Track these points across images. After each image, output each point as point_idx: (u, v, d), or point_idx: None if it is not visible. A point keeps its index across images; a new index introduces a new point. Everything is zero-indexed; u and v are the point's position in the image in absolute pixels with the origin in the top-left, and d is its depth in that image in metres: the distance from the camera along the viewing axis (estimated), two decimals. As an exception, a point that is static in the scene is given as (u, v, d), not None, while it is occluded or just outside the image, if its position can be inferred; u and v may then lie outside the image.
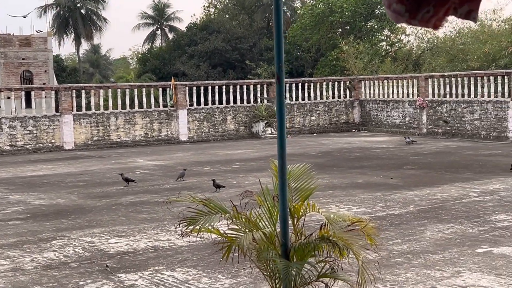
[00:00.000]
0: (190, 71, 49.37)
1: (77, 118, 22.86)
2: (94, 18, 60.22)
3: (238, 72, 51.05)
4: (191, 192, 12.66)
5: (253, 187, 12.98)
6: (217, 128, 25.65)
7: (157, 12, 67.37)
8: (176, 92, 24.75)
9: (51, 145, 22.34)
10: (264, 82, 27.94)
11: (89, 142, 22.98)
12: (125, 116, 23.81)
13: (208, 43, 50.88)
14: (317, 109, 27.71)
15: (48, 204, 11.93)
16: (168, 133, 24.60)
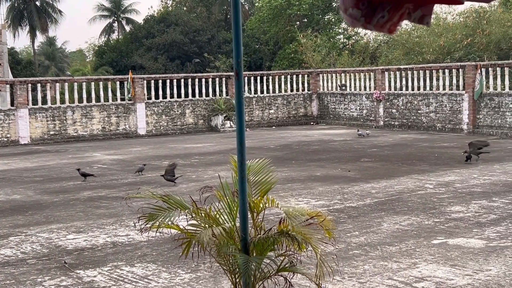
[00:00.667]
0: (148, 64, 48.94)
1: (33, 112, 22.49)
2: (50, 10, 59.15)
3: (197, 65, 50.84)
4: (150, 186, 12.63)
5: (212, 181, 13.01)
6: (176, 122, 25.54)
7: (113, 4, 66.55)
8: (134, 85, 24.55)
9: (6, 140, 21.94)
10: (223, 75, 27.93)
11: (45, 137, 22.64)
12: (82, 110, 23.53)
13: (166, 36, 50.52)
14: (276, 102, 27.81)
15: (4, 200, 11.75)
16: (126, 127, 24.39)
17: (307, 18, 47.97)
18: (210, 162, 16.27)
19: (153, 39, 51.08)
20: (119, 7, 66.52)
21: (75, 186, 13.17)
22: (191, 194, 11.23)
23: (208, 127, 26.08)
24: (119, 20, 66.85)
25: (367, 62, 39.00)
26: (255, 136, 23.00)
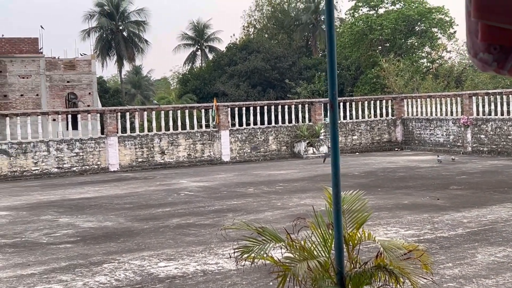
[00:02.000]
0: (230, 90, 49.72)
1: (122, 140, 23.21)
2: (136, 40, 61.17)
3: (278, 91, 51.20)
4: (235, 214, 12.76)
5: (298, 209, 13.01)
6: (259, 149, 25.72)
7: (197, 33, 68.12)
8: (219, 113, 24.95)
9: (97, 167, 22.71)
10: (306, 102, 27.96)
11: (133, 164, 23.29)
12: (169, 137, 24.09)
13: (248, 63, 51.23)
14: (359, 128, 27.60)
15: (97, 226, 12.12)
16: (210, 153, 24.78)
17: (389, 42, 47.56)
18: (295, 189, 16.26)
19: (235, 66, 51.90)
20: (202, 35, 68.02)
21: (164, 213, 13.44)
22: (277, 222, 11.29)
23: (291, 154, 26.14)
24: (203, 49, 68.30)
25: (452, 86, 38.20)
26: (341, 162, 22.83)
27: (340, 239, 4.73)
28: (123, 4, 60.94)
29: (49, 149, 22.05)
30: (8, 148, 21.44)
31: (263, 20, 66.11)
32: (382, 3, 47.94)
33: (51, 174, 21.91)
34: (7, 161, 21.42)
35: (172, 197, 15.70)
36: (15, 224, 12.52)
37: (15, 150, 21.57)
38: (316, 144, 25.85)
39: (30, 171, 21.75)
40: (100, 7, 60.48)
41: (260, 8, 66.06)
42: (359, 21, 47.62)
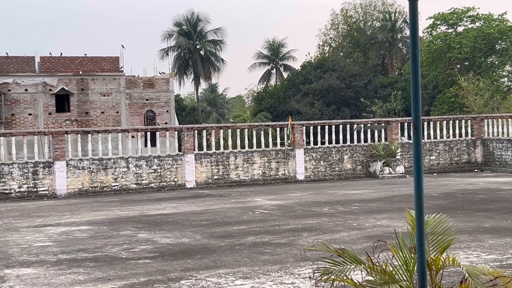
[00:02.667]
0: (305, 109, 49.75)
1: (198, 157, 23.56)
2: (213, 59, 62.19)
3: (353, 109, 50.88)
4: (311, 233, 12.70)
5: (374, 230, 12.84)
6: (334, 167, 25.58)
7: (272, 52, 68.64)
8: (294, 131, 24.99)
9: (174, 184, 23.12)
10: (382, 121, 27.63)
11: (209, 181, 23.58)
12: (244, 155, 24.28)
13: (323, 81, 51.19)
14: (437, 148, 27.04)
15: (174, 243, 12.30)
16: (285, 172, 24.80)
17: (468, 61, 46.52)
18: (371, 210, 16.06)
19: (310, 84, 51.94)
20: (277, 54, 68.48)
21: (239, 231, 13.52)
22: (354, 243, 11.17)
23: (366, 173, 25.85)
24: (277, 67, 68.74)
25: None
26: (416, 183, 22.42)
27: (423, 264, 4.64)
28: (201, 24, 62.14)
29: (129, 166, 22.62)
30: (89, 164, 22.13)
31: (339, 39, 65.97)
32: (461, 21, 47.00)
33: (130, 190, 22.45)
34: (88, 177, 22.09)
35: (247, 215, 15.79)
36: (96, 238, 12.87)
37: (96, 166, 22.23)
38: (392, 164, 25.48)
39: (110, 186, 22.35)
40: (179, 27, 61.88)
41: (336, 26, 65.99)
42: (437, 39, 46.81)
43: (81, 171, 22.02)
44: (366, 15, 65.15)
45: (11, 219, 16.17)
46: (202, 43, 62.25)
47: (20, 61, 38.88)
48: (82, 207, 18.36)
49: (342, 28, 65.75)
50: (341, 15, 65.47)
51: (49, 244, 12.30)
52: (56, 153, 21.82)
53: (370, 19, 65.24)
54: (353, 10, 65.09)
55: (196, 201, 19.32)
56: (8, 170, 21.23)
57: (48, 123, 38.37)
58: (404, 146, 26.52)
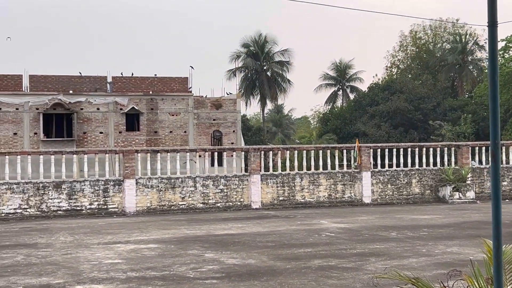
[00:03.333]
0: (371, 131, 49.27)
1: (264, 178, 23.63)
2: (279, 79, 62.47)
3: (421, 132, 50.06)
4: (379, 258, 12.50)
5: (444, 257, 12.54)
6: (402, 191, 25.19)
7: (338, 73, 68.43)
8: (360, 153, 24.78)
9: (239, 204, 23.24)
10: (452, 145, 27.09)
11: (275, 202, 23.60)
12: (310, 177, 24.21)
13: (390, 103, 50.62)
14: (509, 173, 26.27)
15: (241, 264, 12.33)
16: (351, 195, 24.59)
17: (543, 84, 45.20)
18: (440, 236, 15.71)
19: (376, 106, 51.45)
20: (344, 75, 68.23)
21: (305, 253, 13.44)
22: (423, 270, 10.94)
23: (435, 198, 25.34)
24: (344, 88, 68.44)
25: None
26: (487, 209, 21.82)
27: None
28: (268, 45, 62.59)
29: (196, 185, 22.89)
30: (158, 182, 22.51)
31: (407, 61, 65.23)
32: (535, 43, 45.78)
33: (197, 209, 22.70)
34: (156, 195, 22.46)
35: (313, 238, 15.70)
36: (164, 257, 13.04)
37: (164, 185, 22.59)
38: (462, 189, 24.89)
39: (177, 205, 22.67)
40: (246, 48, 62.52)
41: (405, 48, 65.30)
42: (510, 62, 45.68)
43: (149, 190, 22.42)
44: (436, 37, 64.23)
45: (82, 236, 16.58)
46: (269, 64, 62.66)
47: (93, 81, 40.08)
48: (150, 225, 18.67)
49: (410, 49, 65.00)
50: (410, 37, 64.75)
51: (119, 261, 12.54)
52: (126, 171, 22.31)
53: (440, 41, 64.25)
54: (422, 32, 64.30)
55: (261, 222, 19.34)
56: (80, 187, 21.82)
57: (118, 141, 39.31)
58: (475, 171, 25.89)
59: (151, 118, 40.14)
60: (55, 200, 21.57)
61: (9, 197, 21.20)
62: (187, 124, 40.69)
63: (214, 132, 41.52)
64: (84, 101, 38.91)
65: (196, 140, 40.68)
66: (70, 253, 13.58)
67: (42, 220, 21.00)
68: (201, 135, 41.04)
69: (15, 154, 22.38)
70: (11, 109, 37.52)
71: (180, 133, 40.58)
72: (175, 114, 40.39)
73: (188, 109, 40.70)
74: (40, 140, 37.77)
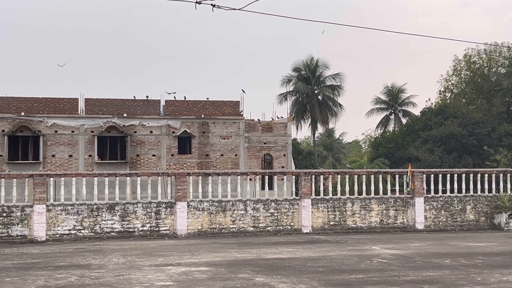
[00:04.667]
0: (424, 156, 48.56)
1: (315, 202, 23.53)
2: (330, 103, 62.34)
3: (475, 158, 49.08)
4: (432, 286, 12.27)
5: (499, 286, 12.25)
6: (456, 218, 24.72)
7: (390, 97, 67.90)
8: (413, 179, 24.45)
9: (290, 228, 23.17)
10: (508, 171, 26.48)
11: (325, 227, 23.45)
12: (361, 202, 24.00)
13: (443, 128, 49.87)
14: None
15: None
16: (404, 220, 24.24)
17: None
18: (496, 264, 15.32)
19: (429, 131, 50.74)
20: (396, 100, 67.65)
21: (357, 279, 13.29)
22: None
23: (490, 225, 24.77)
24: (396, 113, 67.80)
25: None
26: (545, 237, 21.20)
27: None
28: (319, 69, 62.65)
29: (246, 208, 22.95)
30: (209, 205, 22.66)
31: (461, 85, 64.30)
32: None
33: (247, 233, 22.72)
34: (207, 218, 22.60)
35: (364, 264, 15.51)
36: (214, 280, 13.08)
37: (215, 208, 22.71)
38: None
39: (228, 228, 22.74)
40: (298, 72, 62.70)
41: (458, 72, 64.43)
42: None
43: (200, 212, 22.58)
44: (491, 61, 63.17)
45: (134, 257, 16.77)
46: (320, 88, 62.66)
47: (146, 104, 40.77)
48: (201, 248, 18.76)
49: (464, 74, 64.07)
50: (464, 61, 63.87)
51: (170, 283, 12.63)
52: (178, 194, 22.53)
53: (495, 65, 63.16)
54: (476, 56, 63.35)
55: (312, 246, 19.22)
56: (132, 209, 22.13)
57: (170, 164, 39.79)
58: (532, 198, 25.21)
59: (203, 141, 40.54)
60: (108, 221, 21.92)
61: (64, 218, 21.65)
62: (238, 147, 40.93)
63: (264, 156, 41.62)
64: (137, 124, 39.59)
65: (246, 163, 40.85)
66: (123, 275, 13.75)
67: (95, 241, 21.35)
68: (252, 158, 41.19)
69: (70, 176, 22.87)
70: (67, 132, 38.46)
71: (231, 156, 40.82)
72: (226, 138, 40.70)
73: (239, 133, 40.97)
74: (94, 162, 38.53)
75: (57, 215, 21.62)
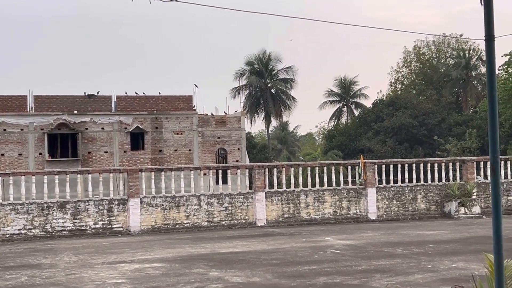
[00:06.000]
0: (376, 147, 49.23)
1: (269, 196, 23.59)
2: (283, 97, 62.59)
3: (426, 147, 49.98)
4: (384, 274, 12.43)
5: (450, 273, 12.46)
6: (407, 207, 25.10)
7: (343, 90, 68.54)
8: (365, 170, 24.72)
9: (244, 222, 23.18)
10: (457, 160, 27.01)
11: (280, 219, 23.53)
12: (315, 194, 24.15)
13: (395, 119, 50.63)
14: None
15: (245, 282, 12.26)
16: (356, 211, 24.50)
17: (548, 98, 45.08)
18: (446, 252, 15.61)
19: (381, 122, 51.46)
20: (348, 92, 68.32)
21: (310, 270, 13.37)
22: (428, 286, 10.86)
23: (440, 213, 25.23)
24: (348, 105, 68.49)
25: None
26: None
27: (503, 312, 4.46)
28: (272, 63, 62.80)
29: (200, 203, 22.86)
30: (162, 201, 22.50)
31: (411, 76, 65.33)
32: (539, 57, 45.75)
33: (201, 228, 22.65)
34: (161, 214, 22.44)
35: (318, 255, 15.62)
36: (168, 276, 12.99)
37: (169, 204, 22.57)
38: (468, 204, 24.78)
39: (182, 224, 22.62)
40: (250, 66, 62.74)
41: (408, 64, 65.43)
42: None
43: (154, 208, 22.40)
44: (440, 53, 64.35)
45: (86, 256, 16.54)
46: (273, 81, 62.84)
47: (97, 101, 40.23)
48: (154, 244, 18.62)
49: (414, 65, 65.12)
50: (413, 53, 64.89)
51: (123, 281, 12.49)
52: (130, 191, 22.30)
53: (444, 56, 64.39)
54: (426, 48, 64.44)
55: (266, 239, 19.27)
56: (84, 207, 21.82)
57: (123, 160, 39.36)
58: (480, 186, 25.79)
59: (156, 137, 40.21)
60: (59, 220, 21.56)
61: (13, 218, 21.20)
62: (191, 142, 40.75)
63: (219, 150, 41.55)
64: (88, 121, 39.02)
65: (201, 158, 40.70)
66: (74, 274, 13.55)
67: (46, 240, 20.98)
68: (206, 153, 41.07)
69: (20, 175, 22.41)
70: (16, 130, 37.67)
71: (185, 152, 40.61)
72: (180, 133, 40.47)
73: (192, 128, 40.78)
74: (45, 160, 37.85)
75: (7, 214, 21.16)
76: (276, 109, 61.94)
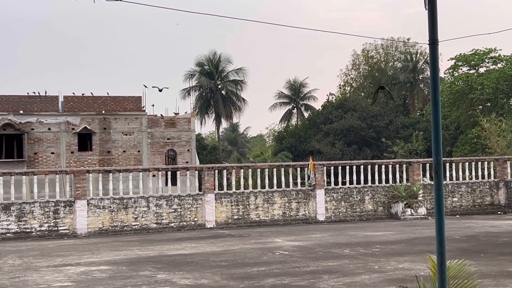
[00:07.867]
0: (326, 149, 49.69)
1: (218, 197, 23.53)
2: (234, 98, 62.63)
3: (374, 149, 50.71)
4: (332, 275, 12.54)
5: (396, 273, 12.65)
6: (355, 208, 25.39)
7: (293, 92, 69.01)
8: (315, 171, 24.91)
9: (193, 223, 23.07)
10: (403, 161, 27.45)
11: (229, 221, 23.50)
12: (264, 195, 24.21)
13: (344, 121, 51.21)
14: (459, 190, 26.76)
15: (193, 284, 12.20)
16: (305, 212, 24.66)
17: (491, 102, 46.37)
18: (392, 252, 15.85)
19: (330, 124, 51.98)
20: (298, 94, 68.82)
21: (259, 272, 13.39)
22: (375, 286, 11.00)
23: (387, 215, 25.62)
24: (298, 107, 68.99)
25: (559, 147, 36.52)
26: (438, 225, 22.14)
27: (445, 311, 4.54)
28: (222, 64, 62.77)
29: (149, 205, 22.65)
30: (110, 203, 22.21)
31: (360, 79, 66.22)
32: (483, 62, 46.98)
33: (150, 230, 22.44)
34: (109, 216, 22.13)
35: (267, 256, 15.66)
36: (115, 279, 12.82)
37: (117, 205, 22.28)
38: (414, 205, 25.23)
39: (130, 226, 22.37)
40: (201, 67, 62.57)
41: (357, 67, 66.32)
42: (459, 80, 46.78)
43: (101, 210, 22.09)
44: (388, 56, 65.42)
45: (31, 258, 16.19)
46: (224, 83, 62.79)
47: (43, 101, 39.46)
48: (102, 247, 18.35)
49: (363, 68, 66.04)
50: (362, 56, 65.80)
51: (68, 284, 12.27)
52: (77, 192, 21.94)
53: (392, 59, 65.48)
54: (374, 51, 65.43)
55: (215, 241, 19.22)
56: (29, 208, 21.36)
57: (71, 161, 38.71)
58: (426, 187, 26.28)
59: (104, 137, 39.68)
60: (3, 222, 21.05)
61: (-45, 220, 20.60)
62: (140, 143, 40.36)
63: (168, 151, 41.28)
64: (35, 121, 38.25)
65: (150, 159, 40.35)
66: (18, 277, 13.24)
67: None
68: (155, 154, 40.75)
69: (-38, 176, 21.80)
70: (-41, 130, 36.65)
71: (134, 153, 40.20)
72: (129, 134, 40.04)
73: (141, 128, 40.39)
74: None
75: None
76: (227, 110, 61.94)
